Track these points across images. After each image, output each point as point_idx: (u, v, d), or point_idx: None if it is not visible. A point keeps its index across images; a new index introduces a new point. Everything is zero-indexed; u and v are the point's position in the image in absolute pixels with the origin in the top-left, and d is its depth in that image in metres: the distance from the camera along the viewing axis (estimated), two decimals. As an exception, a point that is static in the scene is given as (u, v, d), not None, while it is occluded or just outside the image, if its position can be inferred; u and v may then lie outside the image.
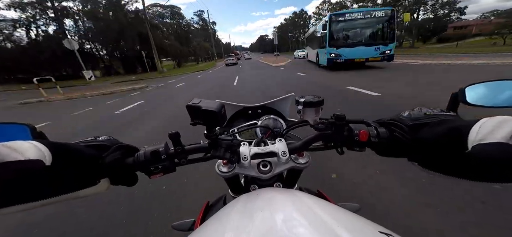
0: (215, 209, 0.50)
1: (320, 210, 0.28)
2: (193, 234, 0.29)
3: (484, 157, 0.25)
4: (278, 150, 0.41)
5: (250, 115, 0.74)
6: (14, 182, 0.24)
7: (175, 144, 0.38)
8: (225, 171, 0.43)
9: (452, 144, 0.29)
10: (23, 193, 0.26)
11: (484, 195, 1.47)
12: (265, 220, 0.26)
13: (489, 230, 1.26)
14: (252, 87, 8.34)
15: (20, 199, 0.26)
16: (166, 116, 4.89)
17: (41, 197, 0.28)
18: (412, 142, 0.34)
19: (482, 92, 0.38)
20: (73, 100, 9.39)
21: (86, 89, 12.79)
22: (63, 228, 1.60)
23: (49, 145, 0.27)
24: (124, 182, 0.37)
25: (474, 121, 0.28)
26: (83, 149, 0.33)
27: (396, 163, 0.42)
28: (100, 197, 1.76)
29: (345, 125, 0.39)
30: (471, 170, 0.28)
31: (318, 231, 0.22)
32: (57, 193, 0.29)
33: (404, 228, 1.33)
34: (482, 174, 0.27)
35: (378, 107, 3.93)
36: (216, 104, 0.33)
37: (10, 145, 0.24)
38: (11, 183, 0.24)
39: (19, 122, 0.35)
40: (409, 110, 0.38)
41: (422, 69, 8.64)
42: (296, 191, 0.40)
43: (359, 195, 1.66)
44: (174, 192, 1.89)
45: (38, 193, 0.27)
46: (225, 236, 0.24)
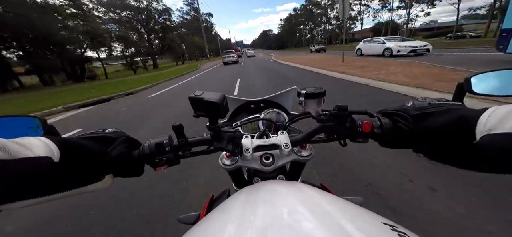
0: (219, 203, 0.51)
1: (324, 202, 0.27)
2: (197, 225, 0.30)
3: (495, 148, 0.24)
4: (280, 142, 0.42)
5: (253, 109, 0.74)
6: (23, 178, 0.24)
7: (178, 136, 0.38)
8: (228, 164, 0.43)
9: (459, 134, 0.28)
10: (30, 188, 0.26)
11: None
12: (268, 211, 0.26)
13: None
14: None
15: (27, 195, 0.27)
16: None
17: (47, 192, 0.28)
18: (416, 132, 0.34)
19: (489, 81, 0.37)
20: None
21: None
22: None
23: (58, 141, 0.28)
24: (130, 174, 0.38)
25: (482, 110, 0.27)
26: (90, 144, 0.33)
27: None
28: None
29: (347, 116, 0.39)
30: (480, 161, 0.27)
31: (322, 223, 0.22)
32: (63, 189, 0.30)
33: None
34: (492, 165, 0.26)
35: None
36: (218, 95, 0.33)
37: (21, 141, 0.24)
38: (20, 178, 0.24)
39: (31, 116, 0.36)
40: (413, 100, 0.38)
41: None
42: (299, 183, 0.40)
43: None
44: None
45: (45, 189, 0.28)
46: (228, 227, 0.24)
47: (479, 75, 0.38)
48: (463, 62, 7.29)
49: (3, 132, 0.31)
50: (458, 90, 0.38)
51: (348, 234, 0.20)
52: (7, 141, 0.23)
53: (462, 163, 0.29)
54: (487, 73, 0.38)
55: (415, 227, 1.30)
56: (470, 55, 9.95)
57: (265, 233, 0.21)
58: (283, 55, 28.01)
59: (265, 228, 0.22)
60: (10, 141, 0.23)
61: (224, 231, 0.24)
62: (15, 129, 0.33)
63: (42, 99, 8.61)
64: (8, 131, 0.33)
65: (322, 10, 75.31)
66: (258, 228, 0.22)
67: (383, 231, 0.22)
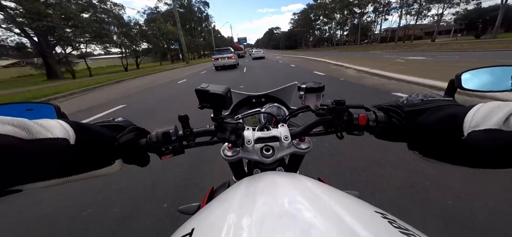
0: (219, 193, 0.53)
1: (322, 193, 0.29)
2: (197, 215, 0.31)
3: (478, 144, 0.25)
4: (280, 135, 0.43)
5: (254, 103, 0.75)
6: (42, 158, 0.25)
7: (184, 127, 0.39)
8: (230, 155, 0.44)
9: (448, 131, 0.29)
10: (48, 169, 0.27)
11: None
12: (268, 201, 0.27)
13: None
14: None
15: (46, 175, 0.27)
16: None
17: (62, 174, 0.29)
18: (409, 127, 0.35)
19: (478, 77, 0.39)
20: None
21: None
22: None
23: (73, 124, 0.29)
24: (137, 162, 0.39)
25: (469, 107, 0.28)
26: (102, 130, 0.35)
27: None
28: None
29: (345, 110, 0.41)
30: (469, 157, 0.28)
31: (320, 212, 0.23)
32: (76, 172, 0.30)
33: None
34: (480, 161, 0.27)
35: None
36: (223, 88, 0.35)
37: (41, 122, 0.26)
38: (40, 158, 0.25)
39: (46, 102, 0.38)
40: (407, 96, 0.40)
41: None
42: (298, 175, 0.41)
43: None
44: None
45: (60, 170, 0.28)
46: (228, 217, 0.24)
47: (468, 72, 0.39)
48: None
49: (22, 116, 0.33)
50: (450, 86, 0.40)
51: (344, 221, 0.21)
52: (29, 122, 0.24)
53: (453, 159, 0.30)
54: (478, 70, 0.40)
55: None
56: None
57: (264, 221, 0.22)
58: (334, 56, 17.50)
59: (265, 216, 0.23)
60: (33, 122, 0.24)
61: (224, 219, 0.24)
62: (32, 114, 0.35)
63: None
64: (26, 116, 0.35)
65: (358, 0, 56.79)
66: (258, 216, 0.23)
67: (376, 219, 0.24)
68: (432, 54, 14.24)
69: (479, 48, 16.32)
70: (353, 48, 39.30)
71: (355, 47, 43.52)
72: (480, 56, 11.11)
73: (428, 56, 12.71)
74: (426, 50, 18.58)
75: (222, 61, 14.32)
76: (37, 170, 0.26)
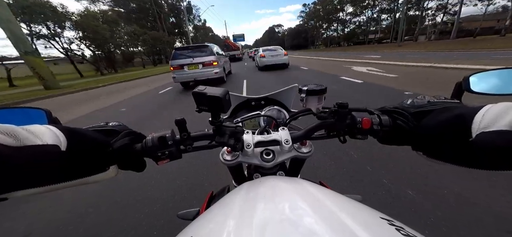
0: (219, 199, 0.52)
1: (324, 198, 0.28)
2: (196, 221, 0.30)
3: (489, 145, 0.24)
4: (281, 138, 0.42)
5: (254, 106, 0.74)
6: (30, 166, 0.24)
7: (181, 131, 0.38)
8: (229, 159, 0.43)
9: (456, 132, 0.28)
10: (37, 176, 0.26)
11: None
12: (268, 206, 0.26)
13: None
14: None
15: (34, 183, 0.26)
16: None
17: (54, 181, 0.28)
18: (415, 130, 0.34)
19: (486, 80, 0.38)
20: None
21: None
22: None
23: (64, 130, 0.28)
24: (133, 168, 0.38)
25: (478, 108, 0.27)
26: (95, 135, 0.34)
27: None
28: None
29: (348, 113, 0.39)
30: (477, 159, 0.27)
31: (322, 218, 0.22)
32: (68, 178, 0.29)
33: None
34: (488, 162, 0.26)
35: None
36: (220, 90, 0.34)
37: (30, 129, 0.25)
38: (28, 166, 0.24)
39: (37, 107, 0.37)
40: (413, 98, 0.38)
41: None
42: (299, 179, 0.40)
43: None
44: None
45: (51, 177, 0.27)
46: (228, 223, 0.24)
47: (477, 74, 0.38)
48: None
49: (11, 122, 0.32)
50: (456, 89, 0.38)
51: (348, 228, 0.20)
52: (17, 128, 0.23)
53: (459, 161, 0.29)
54: (486, 72, 0.39)
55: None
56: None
57: (266, 227, 0.21)
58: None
59: (265, 222, 0.22)
60: (20, 128, 0.23)
61: (224, 225, 0.24)
62: (22, 120, 0.34)
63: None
64: (16, 122, 0.34)
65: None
66: (259, 222, 0.22)
67: (382, 225, 0.22)
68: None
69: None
70: (406, 46, 24.80)
71: (398, 45, 26.60)
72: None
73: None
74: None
75: (191, 71, 7.20)
76: (24, 178, 0.25)
